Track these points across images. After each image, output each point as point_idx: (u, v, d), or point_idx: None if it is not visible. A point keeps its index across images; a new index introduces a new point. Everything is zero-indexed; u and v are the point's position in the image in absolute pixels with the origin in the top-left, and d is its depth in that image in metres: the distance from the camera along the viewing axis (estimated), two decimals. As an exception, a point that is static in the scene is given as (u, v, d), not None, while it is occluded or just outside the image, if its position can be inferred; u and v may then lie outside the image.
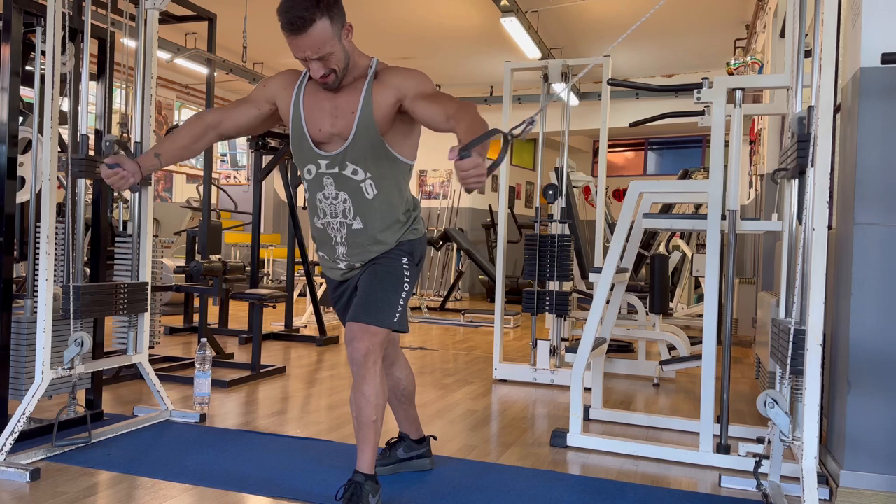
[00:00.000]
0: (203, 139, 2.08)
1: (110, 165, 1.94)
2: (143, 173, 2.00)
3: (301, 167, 2.05)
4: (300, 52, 1.84)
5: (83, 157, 2.55)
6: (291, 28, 1.79)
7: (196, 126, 2.06)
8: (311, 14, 1.78)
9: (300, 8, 1.77)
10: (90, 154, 2.62)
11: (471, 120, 1.72)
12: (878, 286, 2.20)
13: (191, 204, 8.06)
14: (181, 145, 2.07)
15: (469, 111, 1.76)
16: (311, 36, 1.80)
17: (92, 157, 2.59)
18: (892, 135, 2.20)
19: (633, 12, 6.88)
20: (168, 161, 2.05)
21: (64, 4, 2.47)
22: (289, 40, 1.82)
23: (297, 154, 2.03)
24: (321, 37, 1.80)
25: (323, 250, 2.12)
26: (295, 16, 1.77)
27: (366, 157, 1.95)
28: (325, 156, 1.97)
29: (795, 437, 1.96)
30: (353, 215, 2.00)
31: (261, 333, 4.01)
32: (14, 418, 2.32)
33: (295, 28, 1.78)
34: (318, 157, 1.98)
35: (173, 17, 5.15)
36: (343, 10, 1.88)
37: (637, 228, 2.97)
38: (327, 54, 1.84)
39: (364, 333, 1.92)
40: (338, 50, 1.86)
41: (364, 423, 1.96)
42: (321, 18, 1.79)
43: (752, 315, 5.67)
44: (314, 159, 1.99)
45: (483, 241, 10.19)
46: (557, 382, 3.96)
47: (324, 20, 1.80)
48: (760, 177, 5.50)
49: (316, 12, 1.78)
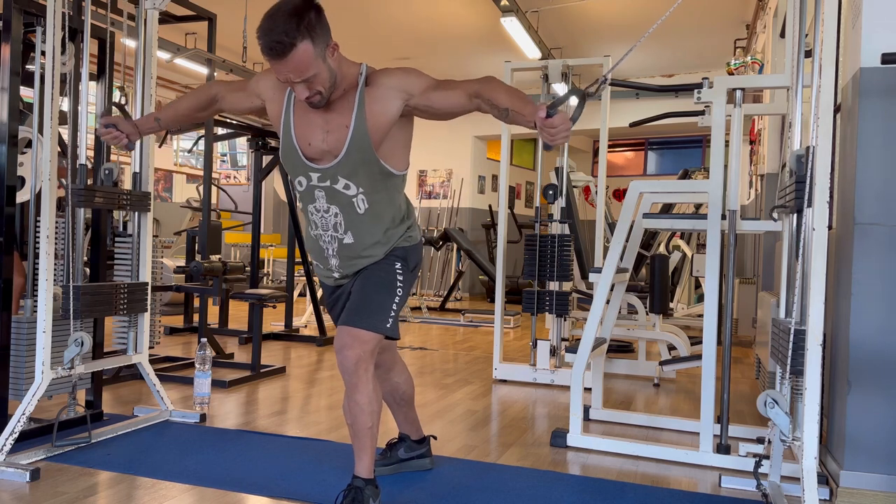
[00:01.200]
0: (205, 110, 2.13)
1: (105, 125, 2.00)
2: (140, 134, 2.14)
3: (292, 178, 2.00)
4: (282, 75, 1.77)
5: (82, 188, 2.56)
6: (271, 53, 1.70)
7: (202, 96, 2.10)
8: (292, 38, 1.69)
9: (279, 31, 1.68)
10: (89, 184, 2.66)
11: (503, 87, 1.77)
12: (878, 286, 2.20)
13: (191, 204, 8.06)
14: (183, 113, 2.12)
15: (495, 81, 1.79)
16: (292, 60, 1.71)
17: (91, 188, 2.60)
18: (892, 135, 2.20)
19: (634, 12, 6.88)
20: (167, 125, 2.13)
21: (64, 4, 2.47)
22: (269, 63, 1.74)
23: (287, 165, 1.98)
24: (303, 61, 1.72)
25: (316, 260, 2.10)
26: (273, 40, 1.69)
27: (358, 172, 1.90)
28: (316, 169, 1.93)
29: (795, 437, 1.96)
30: (345, 229, 1.97)
31: (261, 333, 4.01)
32: (14, 418, 2.32)
33: (275, 53, 1.70)
34: (310, 170, 1.94)
35: (173, 17, 5.14)
36: (327, 29, 1.78)
37: (637, 228, 2.97)
38: (311, 77, 1.76)
39: (354, 341, 1.89)
40: (322, 70, 1.77)
41: (360, 430, 1.94)
42: (302, 41, 1.70)
43: (752, 315, 5.66)
44: (305, 171, 1.94)
45: (483, 241, 10.19)
46: (557, 382, 3.96)
47: (305, 43, 1.70)
48: (760, 177, 5.50)
49: (297, 36, 1.69)
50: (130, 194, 2.76)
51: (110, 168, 2.72)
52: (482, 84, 1.81)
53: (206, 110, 2.14)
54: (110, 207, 2.74)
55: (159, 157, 9.14)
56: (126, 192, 2.74)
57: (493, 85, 1.79)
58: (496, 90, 1.78)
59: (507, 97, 1.75)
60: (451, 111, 1.87)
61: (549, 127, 1.58)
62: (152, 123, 2.15)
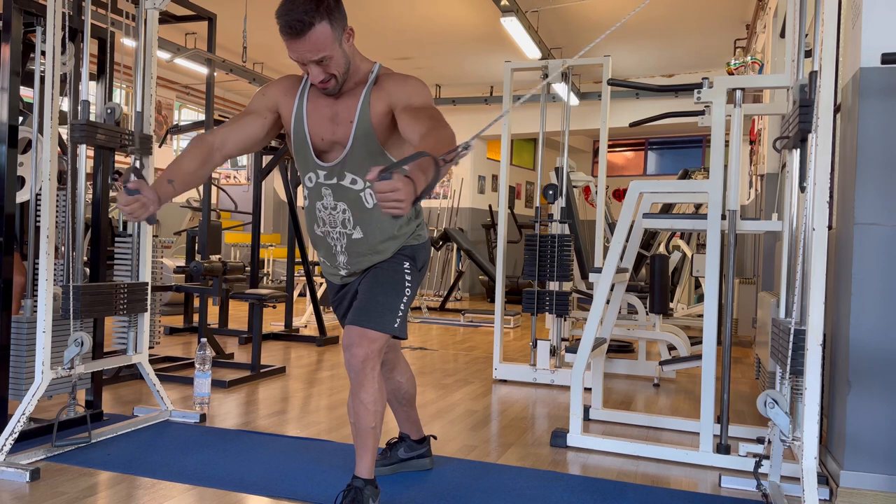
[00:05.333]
0: (209, 163, 1.92)
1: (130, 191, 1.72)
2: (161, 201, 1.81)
3: (303, 174, 2.01)
4: (298, 55, 1.79)
5: (83, 122, 2.52)
6: (290, 31, 1.74)
7: (199, 150, 1.90)
8: (311, 17, 1.73)
9: (299, 11, 1.73)
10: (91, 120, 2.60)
11: (434, 141, 1.60)
12: (878, 286, 2.20)
13: (191, 204, 8.06)
14: (190, 171, 1.89)
15: (438, 133, 1.65)
16: (310, 40, 1.75)
17: (93, 123, 2.56)
18: (892, 135, 2.20)
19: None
20: (181, 188, 1.87)
21: (64, 4, 2.47)
22: (287, 44, 1.77)
23: (298, 161, 1.99)
24: (321, 40, 1.76)
25: (324, 257, 2.10)
26: (294, 19, 1.73)
27: (364, 165, 1.90)
28: (323, 166, 1.94)
29: (795, 437, 1.96)
30: (353, 225, 1.98)
31: (261, 333, 4.01)
32: (14, 418, 2.32)
33: (294, 32, 1.74)
34: (317, 168, 1.95)
35: (173, 17, 5.14)
36: (344, 14, 1.83)
37: (637, 228, 2.97)
38: (326, 58, 1.79)
39: (362, 339, 1.90)
40: (337, 54, 1.81)
41: (363, 429, 1.94)
42: (321, 22, 1.75)
43: (752, 315, 5.66)
44: (314, 168, 1.96)
45: (483, 241, 10.19)
46: (557, 382, 3.96)
47: (324, 24, 1.75)
48: (760, 177, 5.50)
49: (316, 15, 1.74)
50: (133, 134, 2.73)
51: (113, 107, 2.69)
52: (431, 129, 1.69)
53: (210, 163, 1.92)
54: (112, 146, 2.67)
55: (159, 157, 9.14)
56: (128, 131, 2.72)
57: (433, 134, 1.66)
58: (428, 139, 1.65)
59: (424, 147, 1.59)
60: (408, 140, 1.84)
61: (375, 191, 1.41)
62: (168, 188, 1.85)
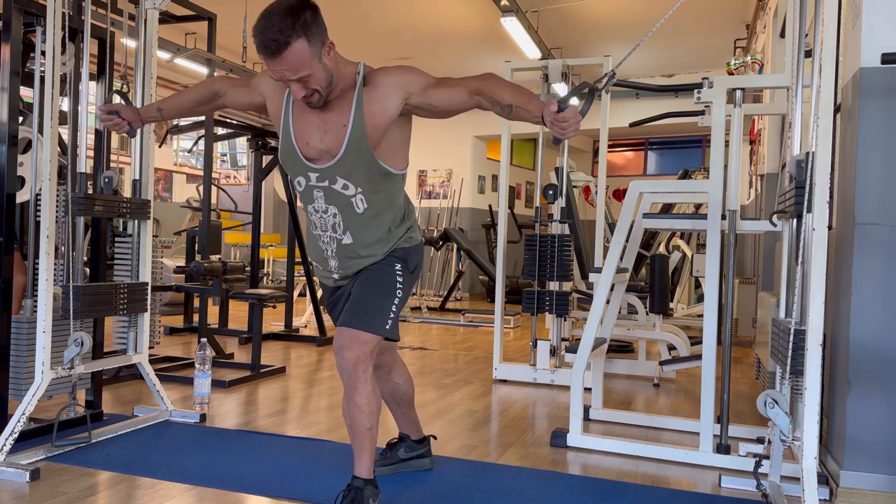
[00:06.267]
0: (207, 105, 2.17)
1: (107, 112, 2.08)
2: (143, 122, 2.18)
3: (292, 178, 2.00)
4: (278, 74, 1.77)
5: (82, 197, 2.55)
6: (266, 51, 1.70)
7: (205, 91, 2.13)
8: (287, 36, 1.69)
9: (274, 30, 1.69)
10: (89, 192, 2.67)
11: (505, 83, 1.78)
12: (878, 286, 2.20)
13: (191, 204, 8.06)
14: (186, 105, 2.18)
15: (496, 78, 1.80)
16: (287, 59, 1.71)
17: (91, 196, 2.60)
18: (892, 135, 2.20)
19: (634, 12, 6.88)
20: (169, 116, 2.18)
21: (64, 4, 2.47)
22: (265, 62, 1.75)
23: (286, 164, 1.97)
24: (298, 59, 1.72)
25: (316, 261, 2.10)
26: (269, 38, 1.69)
27: (356, 171, 1.89)
28: (315, 168, 1.92)
29: (795, 437, 1.96)
30: (343, 230, 1.97)
31: (261, 333, 4.01)
32: (14, 418, 2.32)
33: (269, 51, 1.70)
34: (308, 170, 1.93)
35: (173, 17, 5.14)
36: (323, 27, 1.78)
37: (637, 228, 2.97)
38: (306, 76, 1.76)
39: (353, 342, 1.89)
40: (317, 70, 1.77)
41: (359, 431, 1.94)
42: (297, 40, 1.70)
43: (752, 315, 5.66)
44: (304, 171, 1.94)
45: (483, 241, 10.19)
46: (557, 382, 3.96)
47: (301, 41, 1.71)
48: (760, 177, 5.50)
49: (292, 33, 1.69)
50: (130, 202, 2.76)
51: (110, 176, 2.71)
52: (483, 81, 1.80)
53: (208, 104, 2.18)
54: (110, 216, 2.73)
55: (159, 158, 9.15)
56: (126, 199, 2.74)
57: (495, 81, 1.79)
58: (498, 87, 1.77)
59: (510, 94, 1.75)
60: (452, 109, 1.86)
61: (560, 121, 1.62)
62: (154, 113, 2.19)
